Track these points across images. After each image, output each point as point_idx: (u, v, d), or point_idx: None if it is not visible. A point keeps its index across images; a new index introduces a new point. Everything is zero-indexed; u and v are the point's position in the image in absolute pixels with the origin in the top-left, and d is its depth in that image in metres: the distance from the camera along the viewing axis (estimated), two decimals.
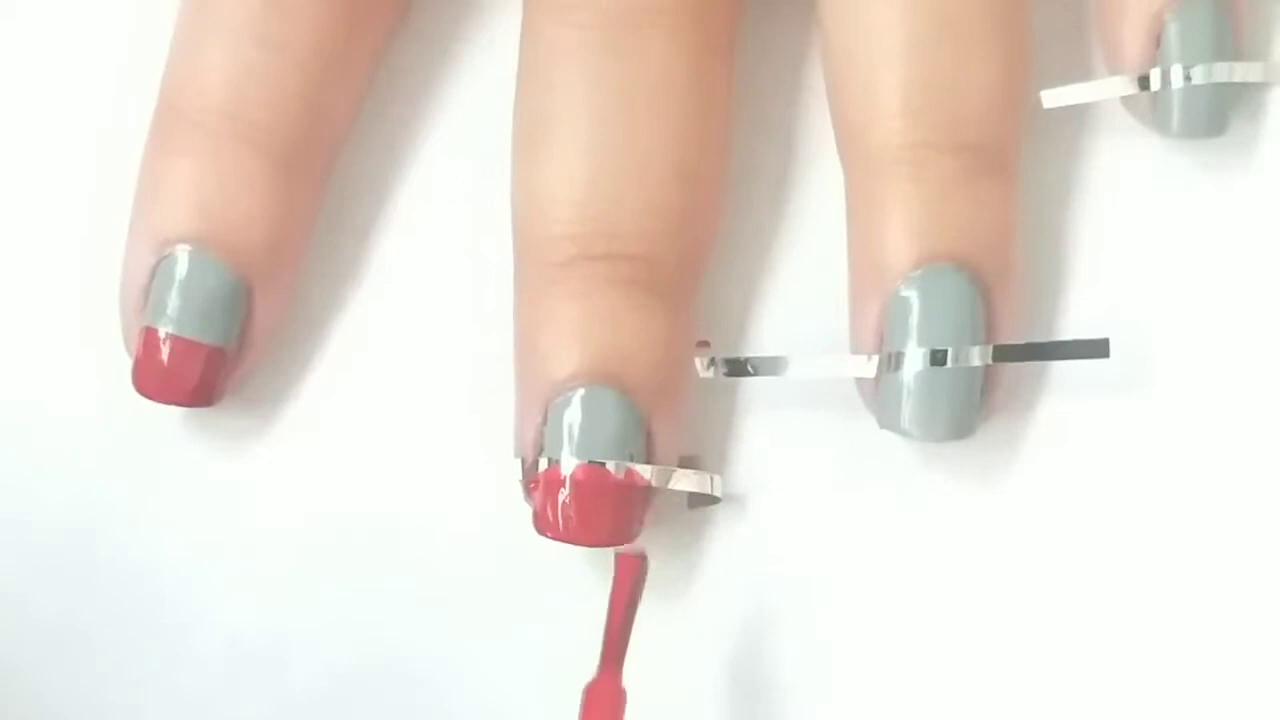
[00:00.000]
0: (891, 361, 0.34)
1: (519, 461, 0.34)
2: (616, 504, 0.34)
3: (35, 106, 0.38)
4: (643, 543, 0.34)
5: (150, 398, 0.35)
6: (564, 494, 0.34)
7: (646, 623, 0.34)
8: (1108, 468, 0.35)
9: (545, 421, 0.34)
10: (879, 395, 0.34)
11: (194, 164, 0.35)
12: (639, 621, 0.33)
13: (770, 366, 0.35)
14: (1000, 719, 0.34)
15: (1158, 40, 0.35)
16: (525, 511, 0.34)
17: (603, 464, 0.34)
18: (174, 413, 0.36)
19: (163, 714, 0.35)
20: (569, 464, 0.34)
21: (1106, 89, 0.36)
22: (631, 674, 0.33)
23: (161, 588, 0.36)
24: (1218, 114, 0.35)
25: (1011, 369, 0.34)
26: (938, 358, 0.34)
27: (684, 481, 0.34)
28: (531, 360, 0.34)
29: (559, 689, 0.33)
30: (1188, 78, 0.35)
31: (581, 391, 0.34)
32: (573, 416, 0.34)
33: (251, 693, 0.35)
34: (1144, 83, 0.35)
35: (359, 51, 0.37)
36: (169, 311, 0.35)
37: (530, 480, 0.34)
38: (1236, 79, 0.35)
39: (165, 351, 0.35)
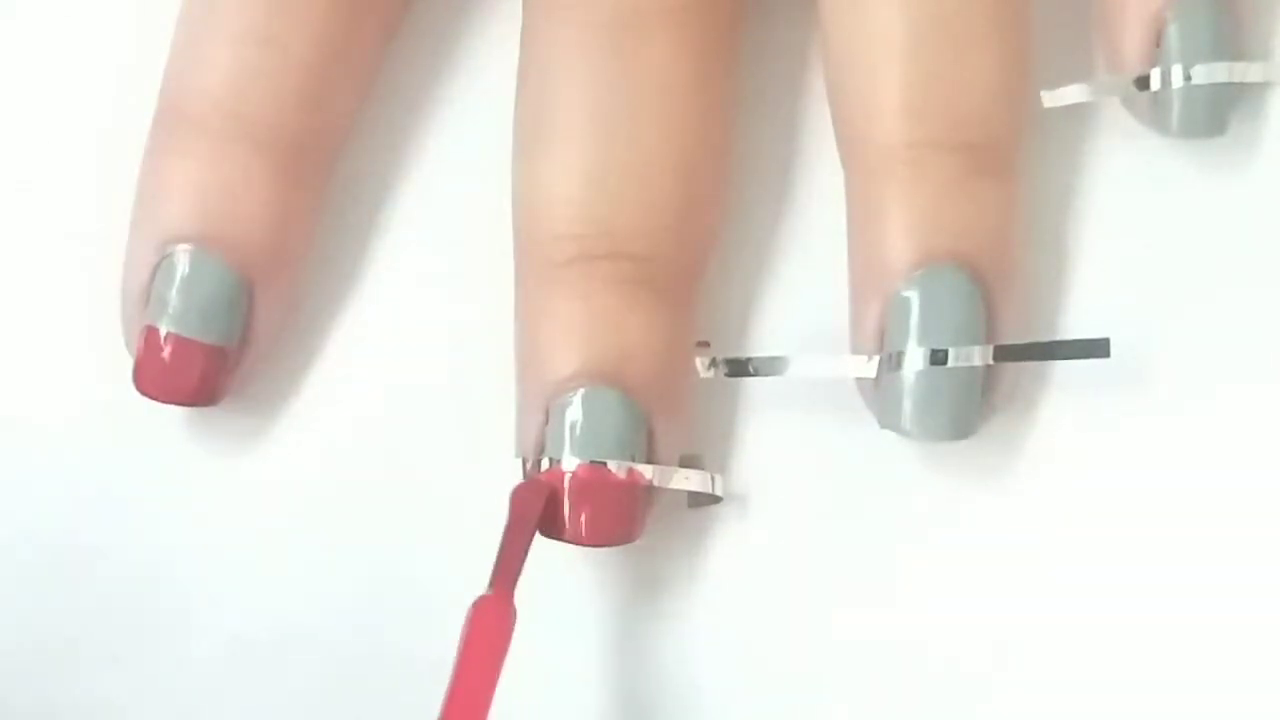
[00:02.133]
0: (892, 361, 0.34)
1: (520, 461, 0.34)
2: (618, 503, 0.34)
3: (36, 106, 0.38)
4: (643, 541, 0.34)
5: (152, 397, 0.35)
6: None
7: (646, 622, 0.34)
8: (1109, 467, 0.35)
9: (547, 421, 0.34)
10: (879, 395, 0.34)
11: (195, 163, 0.35)
12: (634, 617, 0.33)
13: (770, 366, 0.35)
14: (1001, 718, 0.34)
15: (1158, 40, 0.35)
16: None
17: (604, 463, 0.34)
18: (175, 412, 0.36)
19: (163, 713, 0.35)
20: (570, 463, 0.34)
21: (1106, 89, 0.36)
22: (631, 674, 0.33)
23: (162, 587, 0.36)
24: (1218, 114, 0.35)
25: (1012, 368, 0.34)
26: (938, 357, 0.34)
27: (685, 481, 0.34)
28: (533, 360, 0.34)
29: (559, 688, 0.33)
30: (1188, 77, 0.35)
31: (583, 391, 0.34)
32: (574, 416, 0.34)
33: (252, 692, 0.35)
34: (1144, 83, 0.35)
35: (360, 50, 0.37)
36: (170, 311, 0.35)
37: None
38: (1236, 79, 0.35)
39: (167, 351, 0.35)
